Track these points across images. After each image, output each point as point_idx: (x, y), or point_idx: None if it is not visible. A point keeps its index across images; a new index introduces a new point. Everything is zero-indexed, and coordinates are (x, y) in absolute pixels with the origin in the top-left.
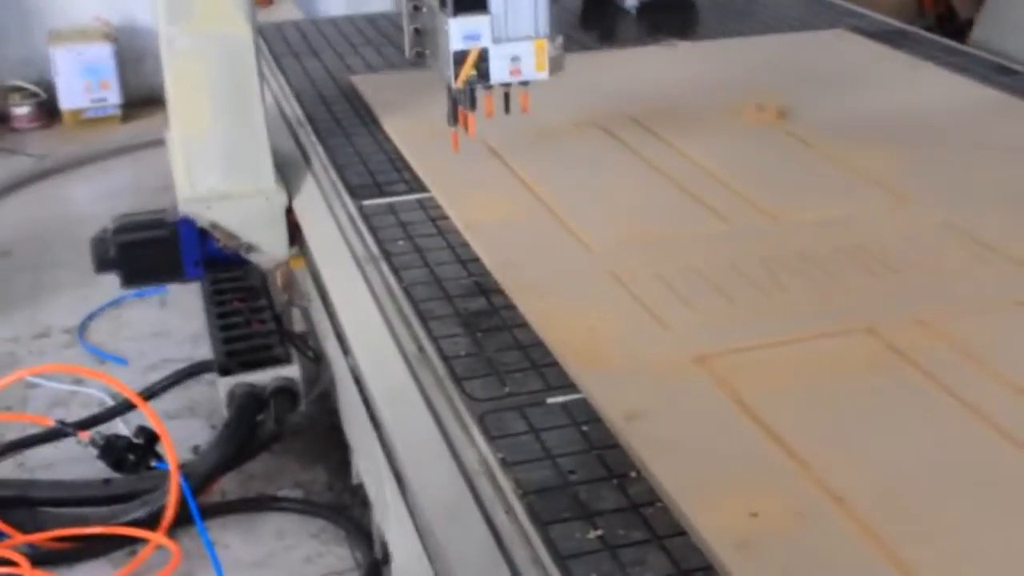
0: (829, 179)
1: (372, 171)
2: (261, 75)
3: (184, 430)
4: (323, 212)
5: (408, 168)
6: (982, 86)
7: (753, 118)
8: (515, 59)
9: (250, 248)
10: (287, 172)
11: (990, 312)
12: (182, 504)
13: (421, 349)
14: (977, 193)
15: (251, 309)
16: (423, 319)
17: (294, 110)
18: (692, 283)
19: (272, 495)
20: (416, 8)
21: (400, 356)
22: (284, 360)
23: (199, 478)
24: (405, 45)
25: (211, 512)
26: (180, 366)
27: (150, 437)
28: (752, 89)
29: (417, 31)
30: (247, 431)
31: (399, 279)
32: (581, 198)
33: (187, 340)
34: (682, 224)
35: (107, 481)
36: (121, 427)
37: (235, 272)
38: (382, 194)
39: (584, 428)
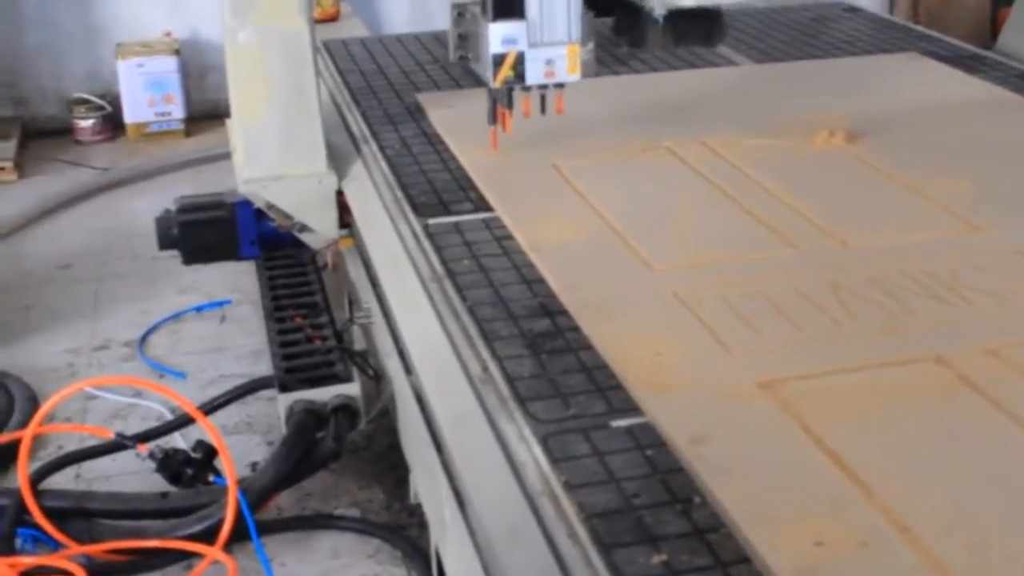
0: (899, 205)
1: (437, 189)
2: (316, 67)
3: (241, 446)
4: (387, 230)
5: (473, 187)
6: None
7: (823, 142)
8: (549, 62)
9: (303, 228)
10: (338, 159)
11: None
12: (239, 520)
13: (485, 369)
14: None
15: (312, 326)
16: (487, 339)
17: (360, 127)
18: (758, 308)
19: (329, 513)
20: (460, 14)
21: (464, 376)
22: (344, 378)
23: (256, 494)
24: (449, 48)
25: (267, 529)
26: (238, 382)
27: (208, 452)
28: (822, 113)
29: (461, 36)
30: (305, 448)
31: (463, 299)
32: (647, 220)
33: (246, 356)
34: (749, 248)
35: (164, 495)
36: (179, 441)
37: (296, 288)
38: (447, 213)
39: (648, 452)
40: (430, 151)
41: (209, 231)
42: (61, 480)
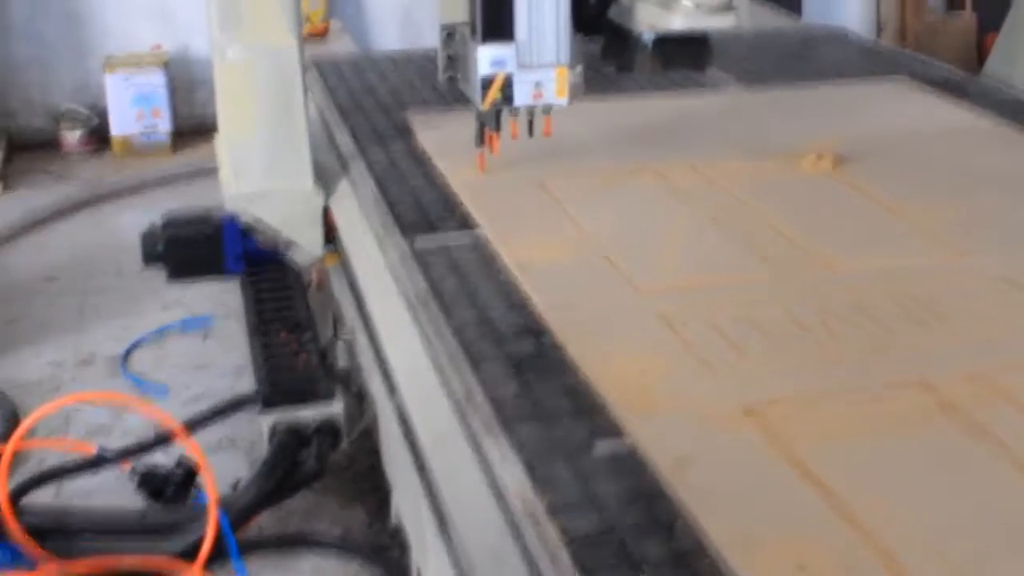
0: (885, 230)
1: (424, 208)
2: (304, 84)
3: (224, 463)
4: (373, 248)
5: (460, 206)
6: None
7: (810, 166)
8: (538, 84)
9: (288, 244)
10: (325, 176)
11: None
12: (220, 538)
13: (469, 391)
14: None
15: (296, 344)
16: (471, 360)
17: (347, 144)
18: (744, 331)
19: (310, 533)
20: (449, 35)
21: (447, 397)
22: (328, 397)
23: (237, 512)
24: (438, 69)
25: (248, 548)
26: (222, 398)
27: (189, 469)
28: (810, 137)
29: (450, 57)
30: (287, 467)
31: (448, 318)
32: (634, 242)
33: (229, 372)
34: (736, 271)
35: (145, 512)
36: (161, 458)
37: (281, 304)
38: (433, 231)
39: (631, 476)
40: (417, 170)
41: (194, 246)
42: (41, 496)
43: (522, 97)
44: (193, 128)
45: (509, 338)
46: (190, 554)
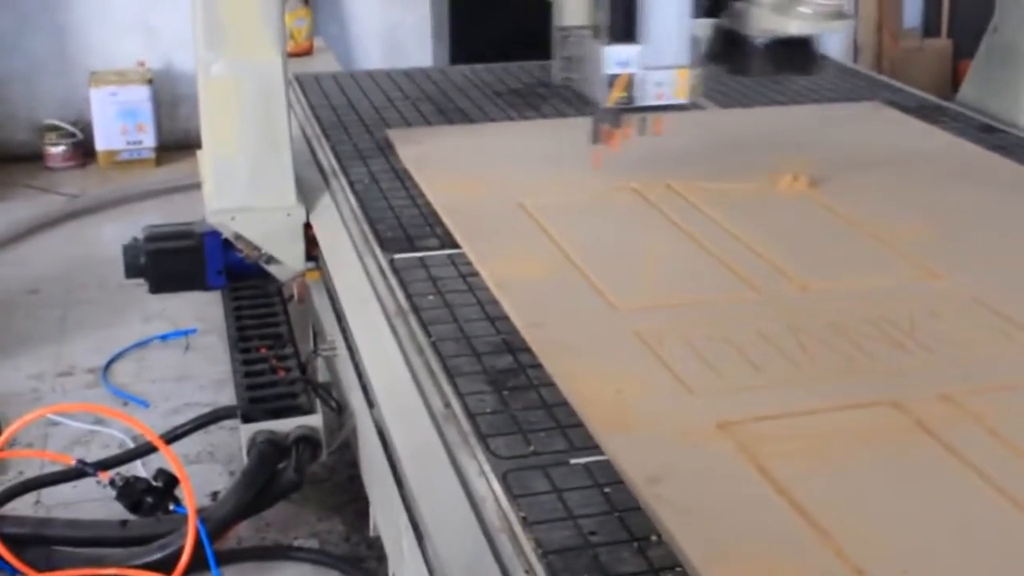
0: (859, 251)
1: (404, 225)
2: (288, 101)
3: (203, 475)
4: (354, 263)
5: (440, 223)
6: (1016, 164)
7: (786, 187)
8: (659, 84)
9: (270, 259)
10: (307, 192)
11: (1015, 389)
12: (198, 549)
13: (447, 405)
14: (1007, 271)
15: (276, 357)
16: (450, 375)
17: (329, 160)
18: (719, 349)
19: (288, 544)
20: (566, 37)
21: (426, 411)
22: (307, 410)
23: (216, 523)
24: (554, 69)
25: (226, 559)
26: (202, 410)
27: (169, 481)
28: (786, 158)
29: (567, 58)
30: (266, 479)
31: (427, 334)
32: (612, 260)
33: (210, 385)
34: (711, 290)
35: (124, 523)
36: (140, 469)
37: (262, 319)
38: (413, 248)
39: (607, 490)
40: (398, 187)
41: (176, 260)
42: (20, 506)
43: (645, 97)
44: (177, 143)
45: (487, 354)
46: (169, 565)
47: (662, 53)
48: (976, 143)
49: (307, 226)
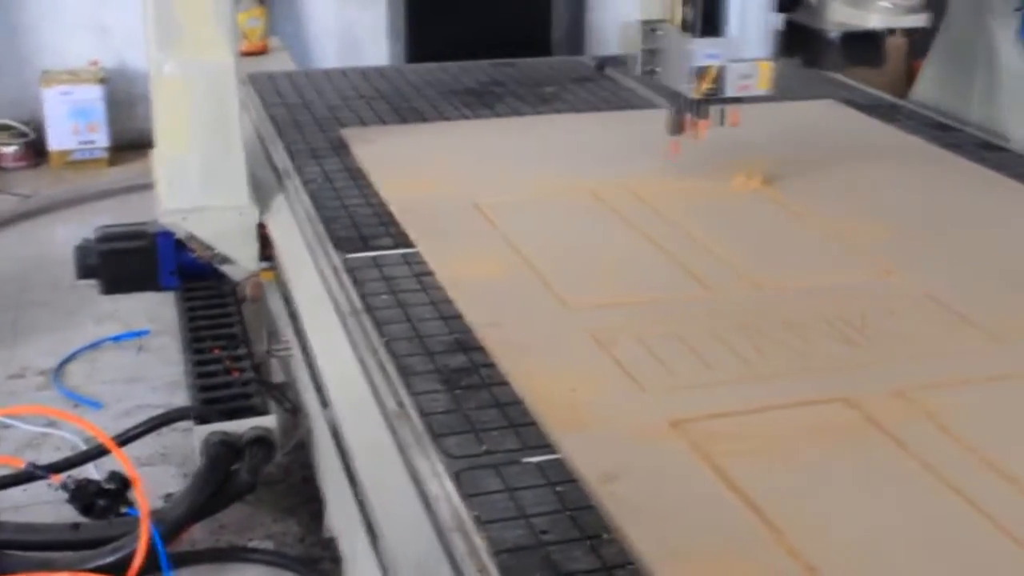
0: (813, 248)
1: (358, 224)
2: (241, 100)
3: (157, 477)
4: (307, 263)
5: (394, 223)
6: (970, 162)
7: (740, 185)
8: (745, 76)
9: (224, 260)
10: (261, 191)
11: (967, 386)
12: (151, 552)
13: (400, 404)
14: (960, 268)
15: (230, 358)
16: (403, 374)
17: (283, 160)
18: (672, 348)
19: (243, 546)
20: (652, 30)
21: (379, 411)
22: (261, 411)
23: (169, 525)
24: (637, 63)
25: (180, 561)
26: (156, 412)
27: (121, 483)
28: (740, 156)
29: (650, 51)
30: (220, 480)
31: (380, 333)
32: (565, 259)
33: (164, 386)
34: (665, 289)
35: (76, 526)
36: (93, 472)
37: (216, 320)
38: (367, 248)
39: (559, 489)
40: (352, 186)
41: (129, 261)
42: None
43: (731, 88)
44: (131, 143)
45: (440, 353)
46: (122, 568)
47: (747, 46)
48: (930, 141)
49: (261, 226)
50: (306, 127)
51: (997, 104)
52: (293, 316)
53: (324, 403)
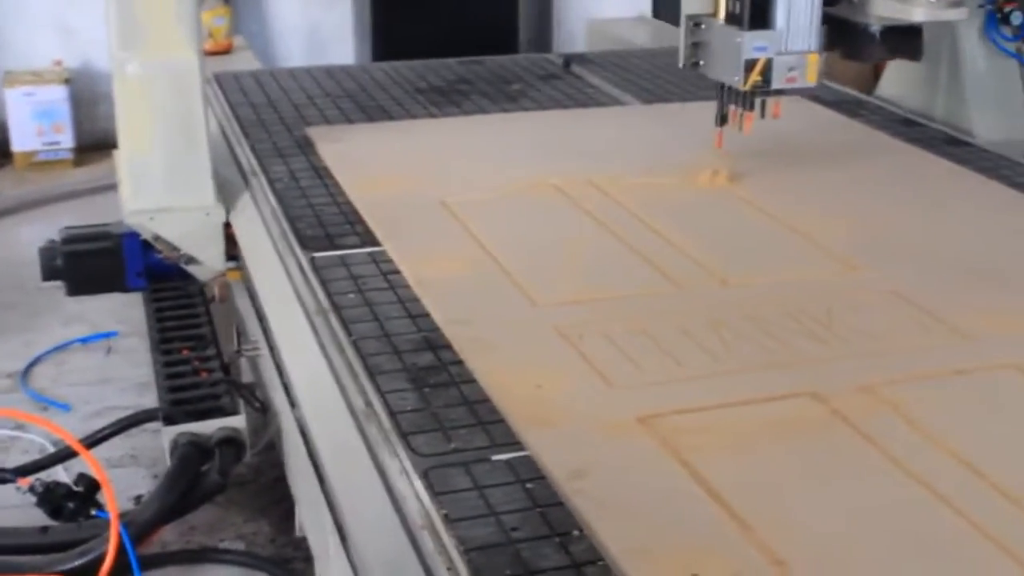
0: (779, 244)
1: (324, 223)
2: (206, 99)
3: (126, 479)
4: (274, 263)
5: (361, 221)
6: (935, 157)
7: (707, 182)
8: (792, 69)
9: (190, 260)
10: (226, 191)
11: (931, 379)
12: (121, 554)
13: (368, 403)
14: (925, 263)
15: (199, 358)
16: (371, 373)
17: (248, 159)
18: (640, 344)
19: (214, 547)
20: (696, 24)
21: (347, 410)
22: (230, 411)
23: (139, 528)
24: (680, 56)
25: (150, 563)
26: (124, 414)
27: (90, 485)
28: (707, 153)
29: (695, 44)
30: (189, 481)
31: (348, 332)
32: (533, 257)
33: (132, 388)
34: (632, 285)
35: (44, 529)
36: (62, 474)
37: (184, 320)
38: (334, 247)
39: (528, 486)
40: (318, 185)
41: (94, 262)
42: None
43: (778, 80)
44: (96, 143)
45: (408, 351)
46: (91, 571)
47: (795, 39)
48: (895, 136)
49: (227, 225)
50: (272, 126)
51: (961, 99)
52: (260, 316)
53: (292, 403)
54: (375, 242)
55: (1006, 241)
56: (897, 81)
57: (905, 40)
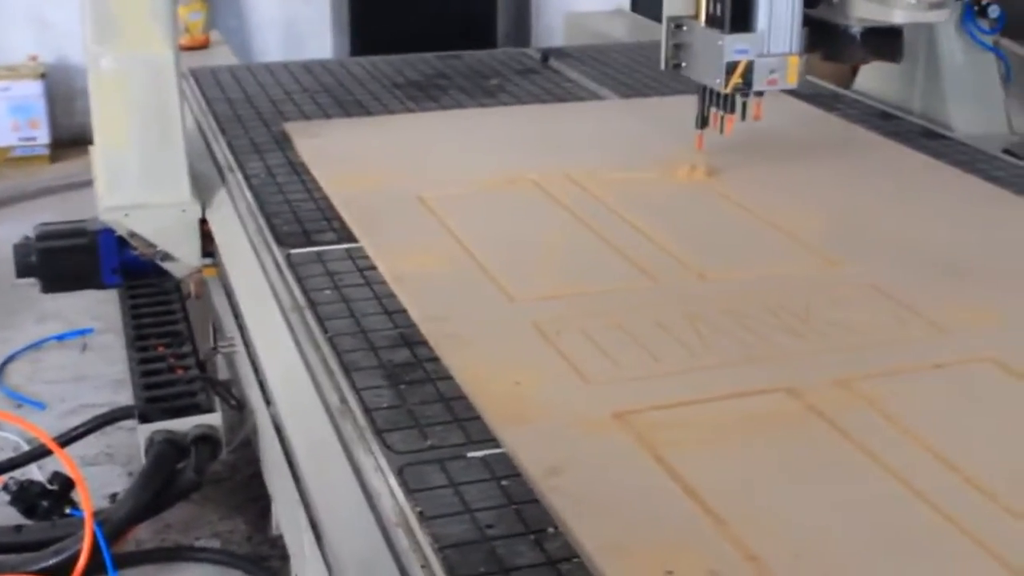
0: (757, 239)
1: (301, 219)
2: (181, 94)
3: (101, 477)
4: (250, 259)
5: (338, 217)
6: (912, 151)
7: (685, 176)
8: (773, 71)
9: (166, 256)
10: (202, 187)
11: (909, 374)
12: (95, 553)
13: (343, 400)
14: (903, 257)
15: (175, 355)
16: (346, 370)
17: (225, 155)
18: (616, 339)
19: (189, 545)
20: (678, 26)
21: (322, 407)
22: (206, 408)
23: (114, 526)
24: (662, 57)
25: (125, 561)
26: (100, 411)
27: (64, 484)
28: (685, 147)
29: (677, 46)
30: (164, 479)
31: (324, 329)
32: (510, 252)
33: (108, 385)
34: (609, 280)
35: (18, 528)
36: (36, 473)
37: (160, 317)
38: (310, 243)
39: (504, 483)
40: (295, 181)
41: (69, 259)
42: None
43: (759, 82)
44: (73, 139)
45: (384, 348)
46: (65, 570)
47: (776, 41)
48: (872, 130)
49: (203, 222)
50: (248, 121)
51: (939, 93)
52: (236, 312)
53: (268, 400)
54: (352, 238)
55: (983, 234)
56: (874, 75)
57: (885, 42)
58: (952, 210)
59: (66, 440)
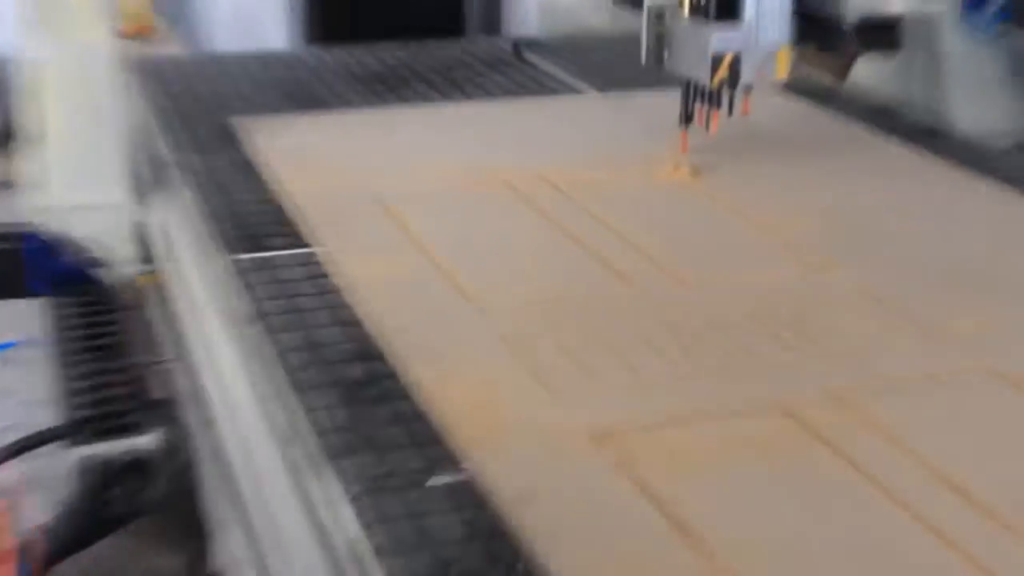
0: (744, 242)
1: (249, 223)
2: (121, 87)
3: (25, 507)
4: (193, 266)
5: (289, 221)
6: (909, 150)
7: (667, 176)
8: (761, 64)
9: (99, 263)
10: (141, 187)
11: (901, 384)
12: None
13: (292, 422)
14: (896, 262)
15: (107, 371)
16: (296, 389)
17: (167, 152)
18: (593, 352)
19: None
20: (659, 16)
21: (268, 430)
22: (142, 430)
23: (38, 560)
24: (643, 50)
25: None
26: (24, 433)
27: None
28: (667, 145)
29: (658, 37)
30: (96, 508)
31: (272, 343)
32: (478, 257)
33: (33, 403)
34: (584, 287)
35: None
36: None
37: (92, 329)
38: (259, 248)
39: (469, 513)
40: (244, 181)
41: None
42: None
43: (747, 76)
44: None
45: (339, 363)
46: None
47: (764, 34)
48: (868, 127)
49: (141, 225)
50: (194, 117)
51: (938, 87)
52: (176, 325)
53: (210, 421)
54: (304, 243)
55: (983, 238)
56: (870, 69)
57: (883, 33)
58: (952, 211)
59: None
